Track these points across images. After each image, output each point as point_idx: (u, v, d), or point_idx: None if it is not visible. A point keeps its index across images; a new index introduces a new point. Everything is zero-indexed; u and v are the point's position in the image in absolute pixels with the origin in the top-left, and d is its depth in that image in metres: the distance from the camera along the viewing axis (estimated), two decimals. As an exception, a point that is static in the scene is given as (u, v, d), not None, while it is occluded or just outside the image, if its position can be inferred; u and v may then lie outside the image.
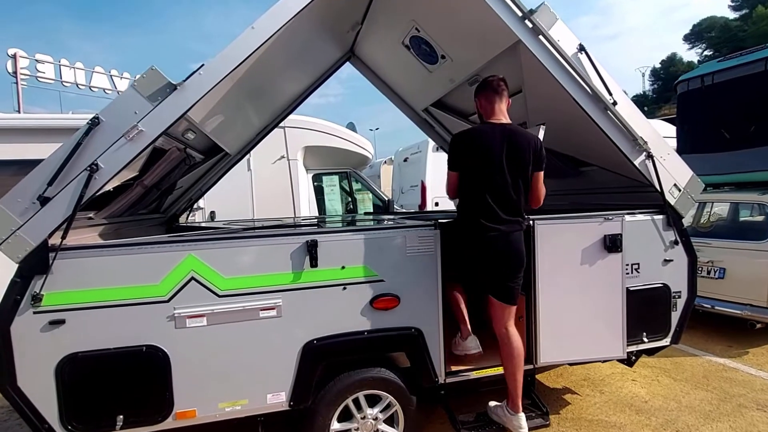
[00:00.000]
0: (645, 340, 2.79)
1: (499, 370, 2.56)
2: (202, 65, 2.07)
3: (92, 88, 15.78)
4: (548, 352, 2.56)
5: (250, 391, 2.16)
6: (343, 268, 2.24)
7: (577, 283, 2.56)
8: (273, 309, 2.16)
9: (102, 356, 1.99)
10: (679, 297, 2.86)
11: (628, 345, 2.71)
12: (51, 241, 1.92)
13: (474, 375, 2.54)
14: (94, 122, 1.95)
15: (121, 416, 2.01)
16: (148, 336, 2.04)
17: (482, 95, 2.54)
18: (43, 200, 1.90)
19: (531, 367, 2.59)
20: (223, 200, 5.41)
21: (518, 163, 2.36)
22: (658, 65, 51.16)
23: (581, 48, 2.55)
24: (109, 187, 2.37)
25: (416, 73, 3.86)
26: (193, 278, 2.07)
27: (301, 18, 2.53)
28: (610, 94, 2.59)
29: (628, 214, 2.69)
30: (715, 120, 4.86)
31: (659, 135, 2.79)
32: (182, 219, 4.34)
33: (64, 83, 14.97)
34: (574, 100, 2.57)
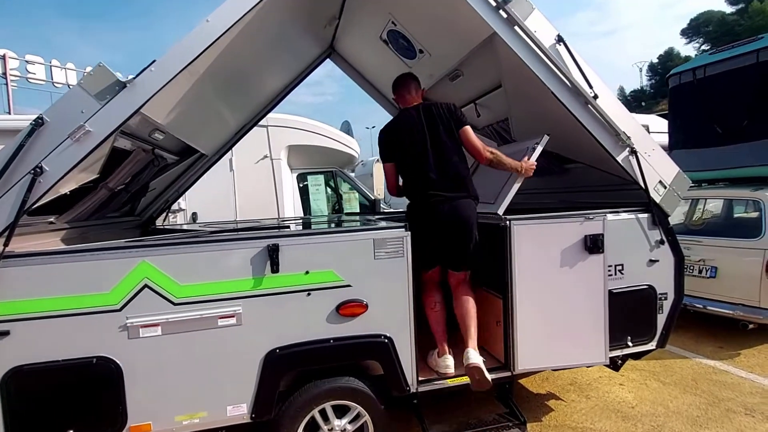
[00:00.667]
0: (629, 344, 2.68)
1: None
2: (154, 61, 1.96)
3: (84, 89, 15.60)
4: (527, 358, 2.46)
5: (208, 403, 2.06)
6: (307, 273, 2.13)
7: (557, 285, 2.46)
8: (232, 317, 2.05)
9: (50, 369, 1.88)
10: (666, 299, 2.75)
11: (611, 349, 2.61)
12: (-7, 249, 1.81)
13: (449, 383, 2.43)
14: (38, 123, 1.84)
15: (71, 431, 1.91)
16: (99, 347, 1.93)
17: (396, 92, 2.75)
18: (-16, 205, 1.79)
19: (508, 374, 2.49)
20: (206, 201, 5.30)
21: (440, 130, 2.51)
22: (655, 60, 50.96)
23: (559, 39, 2.44)
24: (65, 190, 2.29)
25: (396, 70, 3.72)
26: (146, 286, 1.96)
27: (270, 11, 2.43)
28: (591, 87, 2.48)
29: (610, 212, 2.58)
30: (708, 114, 4.74)
31: (644, 130, 2.68)
32: (159, 221, 4.22)
33: (55, 84, 14.85)
34: (553, 94, 2.46)
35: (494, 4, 2.32)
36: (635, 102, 45.86)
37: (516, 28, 2.36)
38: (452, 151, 2.51)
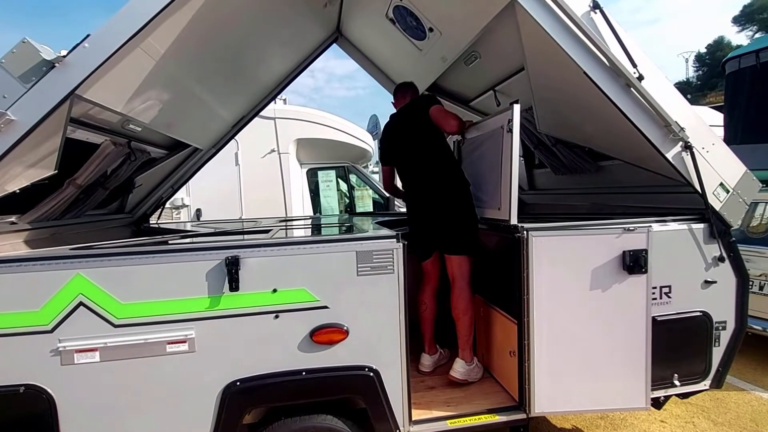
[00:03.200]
0: (676, 383, 2.19)
1: (483, 419, 2.04)
2: (88, 35, 1.63)
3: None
4: (546, 398, 2.01)
5: (156, 443, 1.73)
6: (274, 291, 1.77)
7: (585, 311, 1.99)
8: (184, 342, 1.71)
9: (-31, 398, 1.61)
10: (724, 329, 2.24)
11: (653, 389, 2.13)
12: None
13: (448, 424, 2.01)
14: (-49, 109, 1.55)
15: (-5, 472, 1.63)
16: (27, 374, 1.64)
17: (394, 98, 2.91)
18: None
19: (523, 416, 2.05)
20: (210, 197, 5.06)
21: (410, 130, 2.59)
22: (703, 50, 47.74)
23: (595, 5, 1.96)
24: (12, 188, 2.02)
25: (406, 54, 3.33)
26: (81, 303, 1.65)
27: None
28: (635, 66, 1.99)
29: (656, 222, 2.08)
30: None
31: (701, 120, 2.16)
32: (154, 218, 3.99)
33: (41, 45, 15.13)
34: (586, 74, 1.99)
35: (512, -39, 1.87)
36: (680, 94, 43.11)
37: (539, -9, 1.89)
38: (423, 148, 2.55)
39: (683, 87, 46.97)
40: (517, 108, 2.12)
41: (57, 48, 1.68)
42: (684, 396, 2.37)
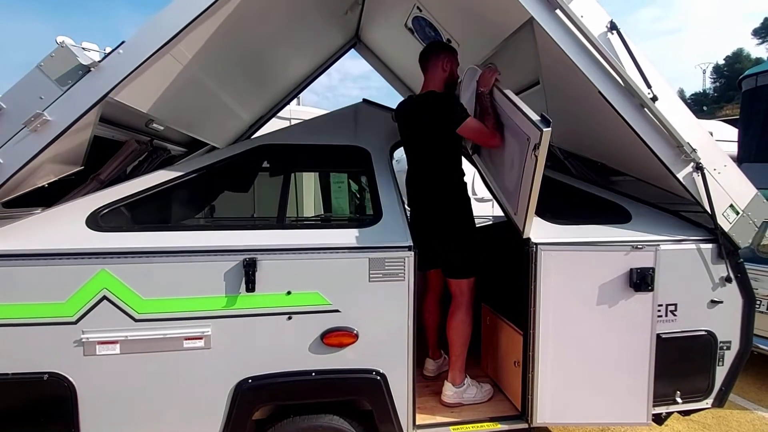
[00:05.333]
0: (678, 400, 2.21)
1: (485, 427, 2.09)
2: (123, 42, 1.71)
3: (133, 76, 16.19)
4: (548, 409, 2.05)
5: (170, 434, 1.81)
6: (288, 293, 1.83)
7: (591, 326, 2.03)
8: (200, 339, 1.79)
9: (-2, 383, 1.69)
10: (728, 348, 2.25)
11: (656, 405, 2.16)
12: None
13: (452, 431, 2.06)
14: (-8, 108, 1.63)
15: (18, 454, 1.72)
16: (51, 362, 1.73)
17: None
18: (-69, 199, 1.62)
19: (525, 426, 2.09)
20: (225, 195, 5.13)
21: (417, 133, 2.38)
22: (721, 61, 47.07)
23: (612, 26, 1.99)
24: (42, 182, 2.11)
25: (423, 61, 3.38)
26: (105, 297, 1.73)
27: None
28: (649, 87, 2.02)
29: (664, 242, 2.11)
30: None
31: (714, 142, 2.18)
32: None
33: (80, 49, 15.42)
34: (600, 94, 2.02)
35: (532, -19, 1.91)
36: (696, 105, 42.68)
37: (558, 11, 1.93)
38: (434, 161, 2.38)
39: (700, 98, 46.46)
40: (547, 134, 1.78)
41: (78, 39, 1.75)
42: (686, 413, 2.39)
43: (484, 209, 6.06)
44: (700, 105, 42.75)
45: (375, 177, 2.24)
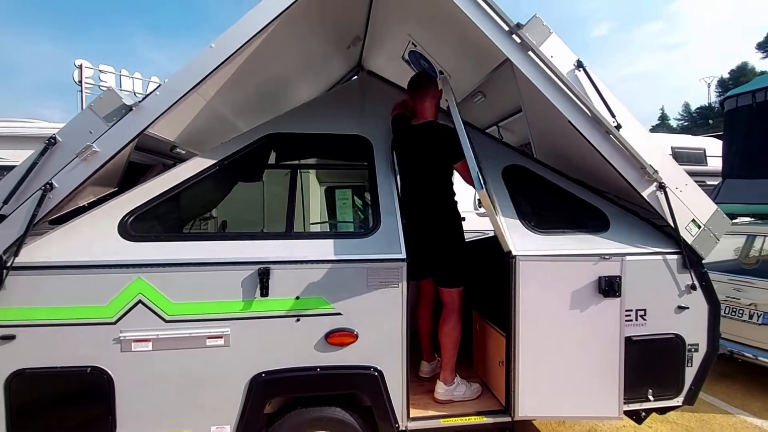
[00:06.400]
0: (650, 398, 2.43)
1: (472, 420, 2.32)
2: (160, 86, 2.04)
3: (147, 97, 16.86)
4: (529, 404, 2.28)
5: (193, 421, 2.07)
6: (297, 298, 2.11)
7: (566, 328, 2.27)
8: (220, 338, 2.06)
9: (48, 375, 1.97)
10: (696, 351, 2.47)
11: (628, 402, 2.38)
12: (5, 258, 1.94)
13: (441, 422, 2.30)
14: (51, 142, 1.95)
15: (63, 436, 1.99)
16: (94, 357, 2.01)
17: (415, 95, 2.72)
18: (-1, 217, 1.93)
19: (508, 419, 2.32)
20: (235, 211, 5.45)
21: (427, 159, 2.62)
22: (726, 75, 47.23)
23: (579, 65, 2.28)
24: (83, 202, 2.43)
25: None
26: (140, 301, 2.02)
27: (287, 34, 2.47)
28: (613, 116, 2.30)
29: (630, 254, 2.36)
30: (768, 141, 4.28)
31: (675, 164, 2.44)
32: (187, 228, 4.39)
33: (123, 91, 16.10)
34: (570, 123, 2.30)
35: (507, 29, 2.21)
36: (701, 119, 42.78)
37: (530, 53, 2.23)
38: (431, 185, 2.65)
39: (705, 112, 46.51)
40: (482, 194, 2.10)
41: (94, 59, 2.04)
42: (661, 411, 2.59)
43: (486, 223, 6.31)
44: (706, 119, 42.85)
45: (376, 180, 2.45)
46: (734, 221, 4.70)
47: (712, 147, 7.28)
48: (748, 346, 3.79)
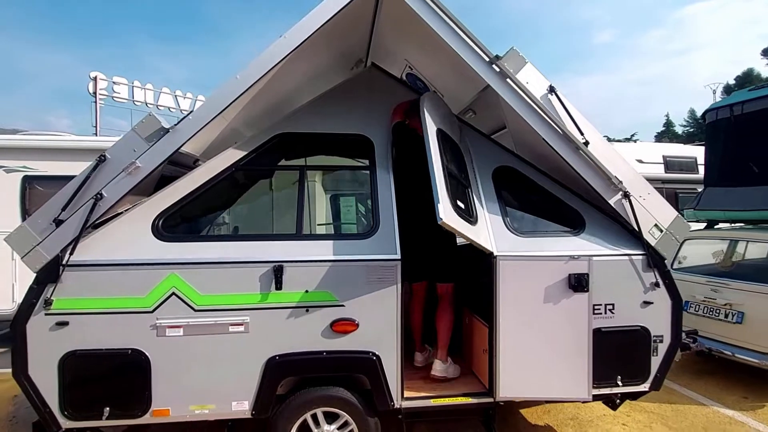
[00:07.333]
0: (619, 383, 2.73)
1: (459, 400, 2.64)
2: (191, 111, 2.41)
3: (159, 107, 17.47)
4: (508, 386, 2.59)
5: (217, 397, 2.41)
6: (307, 291, 2.45)
7: (541, 320, 2.59)
8: (241, 325, 2.41)
9: (95, 355, 2.33)
10: (661, 341, 2.77)
11: (599, 387, 2.68)
12: (62, 256, 2.31)
13: (432, 402, 2.62)
14: (101, 159, 2.33)
15: (108, 408, 2.34)
16: (133, 341, 2.36)
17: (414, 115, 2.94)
18: (58, 222, 2.30)
19: (491, 400, 2.63)
20: (247, 217, 5.83)
21: (416, 167, 2.80)
22: (732, 81, 47.19)
23: (551, 89, 2.63)
24: (121, 209, 2.80)
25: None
26: (174, 293, 2.37)
27: (299, 62, 2.84)
28: (582, 134, 2.63)
29: (598, 255, 2.68)
30: (744, 152, 4.58)
31: (638, 174, 2.77)
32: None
33: (135, 102, 16.70)
34: (545, 141, 2.64)
35: (487, 59, 2.56)
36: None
37: (508, 80, 2.58)
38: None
39: (710, 119, 46.25)
40: (443, 223, 2.20)
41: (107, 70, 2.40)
42: (632, 397, 2.88)
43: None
44: (711, 125, 42.65)
45: (377, 184, 2.78)
46: (716, 227, 4.98)
47: (703, 156, 7.55)
48: (725, 344, 4.06)
